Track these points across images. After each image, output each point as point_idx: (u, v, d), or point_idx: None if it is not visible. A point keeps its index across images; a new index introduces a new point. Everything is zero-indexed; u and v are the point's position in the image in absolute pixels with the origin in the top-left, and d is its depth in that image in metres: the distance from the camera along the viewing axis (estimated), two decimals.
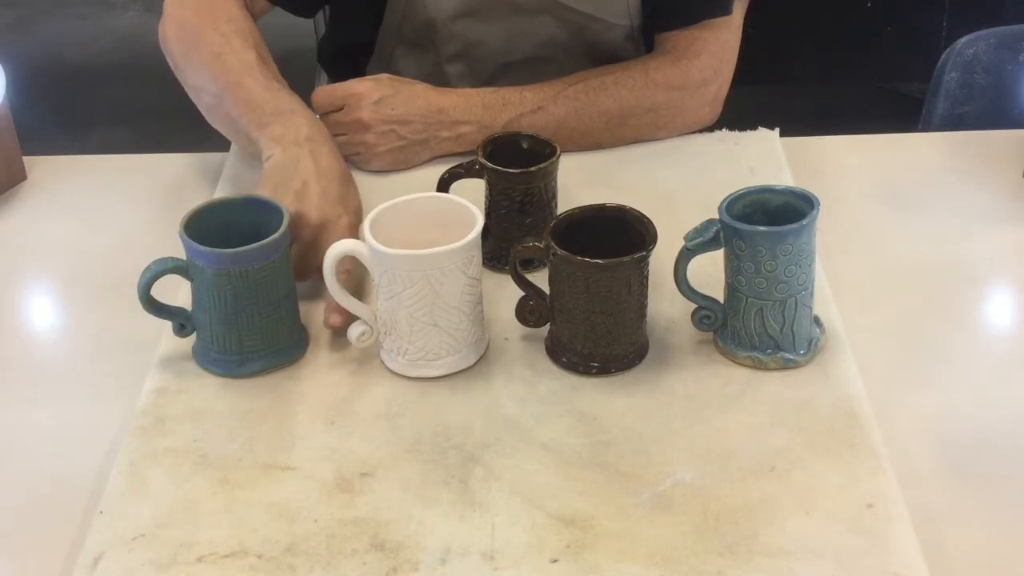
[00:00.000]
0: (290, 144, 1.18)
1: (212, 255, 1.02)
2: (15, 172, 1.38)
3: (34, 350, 1.16)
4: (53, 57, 3.66)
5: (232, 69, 1.26)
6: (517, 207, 1.15)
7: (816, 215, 1.02)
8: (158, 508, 0.94)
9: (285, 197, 1.11)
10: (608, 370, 1.05)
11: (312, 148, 1.18)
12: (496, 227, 1.17)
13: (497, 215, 1.16)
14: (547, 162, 1.15)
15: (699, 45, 1.37)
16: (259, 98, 1.24)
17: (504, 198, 1.15)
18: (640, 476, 0.95)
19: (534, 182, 1.15)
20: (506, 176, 1.15)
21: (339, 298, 1.05)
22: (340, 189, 1.17)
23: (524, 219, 1.16)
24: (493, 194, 1.16)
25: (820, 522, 0.90)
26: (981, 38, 1.69)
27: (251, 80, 1.25)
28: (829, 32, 2.85)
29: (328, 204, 1.13)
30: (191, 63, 1.30)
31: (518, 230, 1.15)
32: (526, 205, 1.15)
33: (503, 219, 1.16)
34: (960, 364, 1.09)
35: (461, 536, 0.90)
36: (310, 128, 1.21)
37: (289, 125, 1.20)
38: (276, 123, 1.21)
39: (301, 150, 1.17)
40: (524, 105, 1.34)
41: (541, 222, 1.14)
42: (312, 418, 1.02)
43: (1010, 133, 1.41)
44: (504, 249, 1.14)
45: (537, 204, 1.16)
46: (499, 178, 1.15)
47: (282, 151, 1.18)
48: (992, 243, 1.23)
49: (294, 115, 1.22)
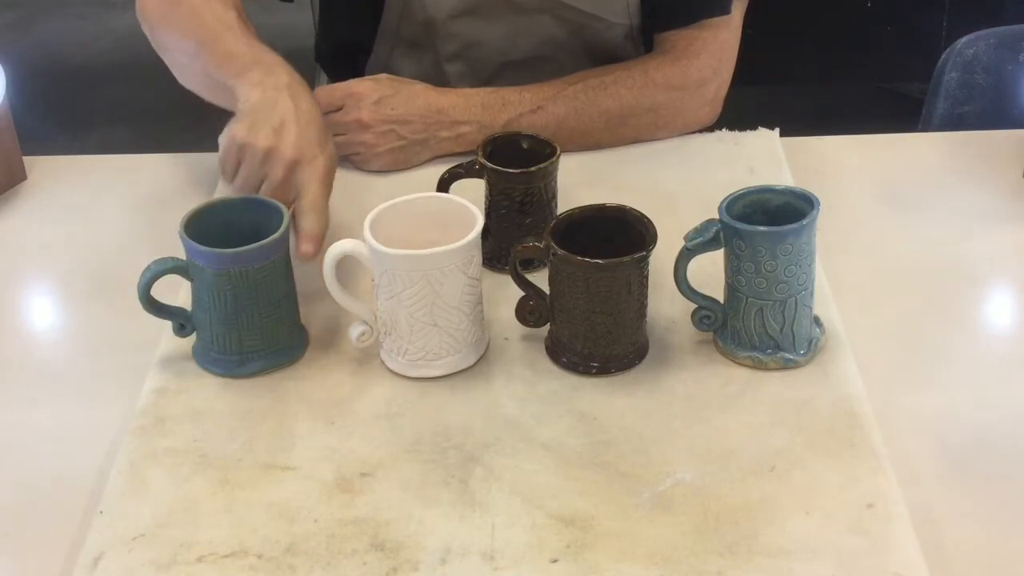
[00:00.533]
0: (270, 88, 1.16)
1: (212, 255, 1.02)
2: (15, 172, 1.38)
3: (34, 350, 1.16)
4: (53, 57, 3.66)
5: (210, 26, 1.25)
6: (517, 207, 1.15)
7: (816, 215, 1.02)
8: (158, 508, 0.94)
9: (260, 131, 1.10)
10: (608, 370, 1.05)
11: (292, 92, 1.16)
12: (496, 227, 1.17)
13: (497, 215, 1.16)
14: (547, 162, 1.15)
15: (698, 45, 1.37)
16: (238, 51, 1.22)
17: (504, 198, 1.15)
18: (640, 476, 0.95)
19: (534, 182, 1.15)
20: (506, 176, 1.15)
21: (339, 298, 1.05)
22: (319, 133, 1.14)
23: (524, 219, 1.16)
24: (493, 194, 1.16)
25: (820, 522, 0.90)
26: (981, 38, 1.69)
27: (230, 35, 1.23)
28: (829, 32, 2.85)
29: (306, 143, 1.11)
30: (168, 23, 1.29)
31: (518, 230, 1.15)
32: (526, 205, 1.15)
33: (503, 219, 1.16)
34: (960, 364, 1.09)
35: (461, 536, 0.90)
36: (290, 77, 1.18)
37: (269, 73, 1.18)
38: (255, 71, 1.18)
39: (280, 93, 1.15)
40: (523, 105, 1.34)
41: (541, 222, 1.14)
42: (312, 418, 1.02)
43: (1010, 133, 1.41)
44: (504, 249, 1.14)
45: (537, 204, 1.16)
46: (499, 178, 1.15)
47: (261, 93, 1.15)
48: (992, 243, 1.23)
49: (274, 65, 1.19)
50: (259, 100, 1.15)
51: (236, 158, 1.12)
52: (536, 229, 1.14)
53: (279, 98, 1.14)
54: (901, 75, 2.95)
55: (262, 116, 1.13)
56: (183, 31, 1.27)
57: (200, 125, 1.34)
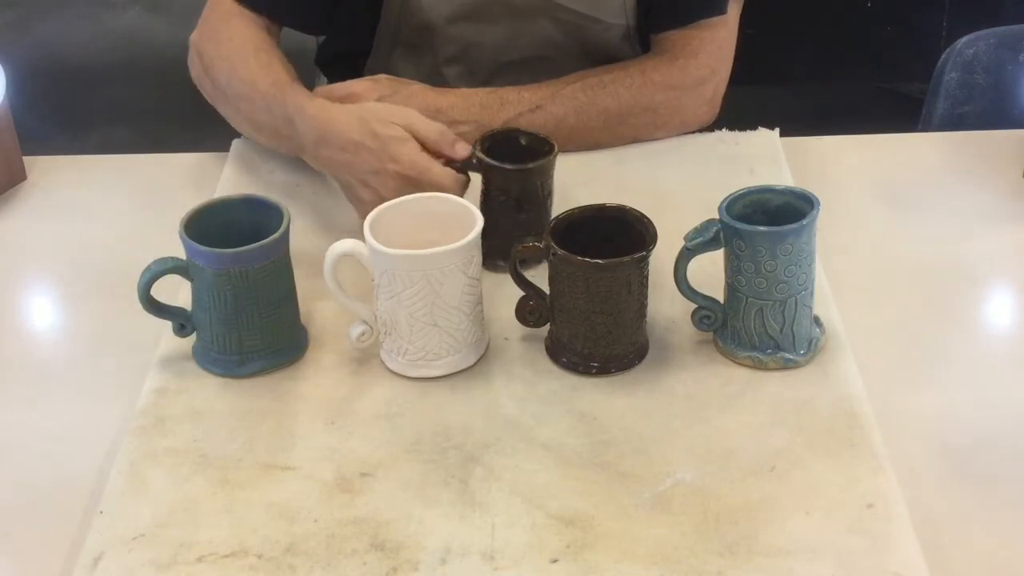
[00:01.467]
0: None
1: (212, 255, 1.02)
2: (15, 172, 1.38)
3: (34, 350, 1.16)
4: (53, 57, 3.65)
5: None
6: (513, 204, 1.14)
7: (816, 215, 1.02)
8: (158, 508, 0.94)
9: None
10: (608, 370, 1.05)
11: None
12: (490, 223, 1.12)
13: (492, 211, 1.13)
14: (544, 159, 1.14)
15: (695, 44, 1.37)
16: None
17: (500, 194, 1.14)
18: (640, 476, 0.95)
19: (531, 179, 1.14)
20: (502, 172, 1.14)
21: (339, 298, 1.05)
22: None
23: (519, 216, 1.14)
24: (489, 190, 1.15)
25: (820, 522, 0.90)
26: (981, 38, 1.69)
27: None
28: (829, 32, 2.84)
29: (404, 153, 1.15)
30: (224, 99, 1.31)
31: (513, 227, 1.14)
32: (522, 202, 1.14)
33: (498, 215, 1.14)
34: (960, 364, 1.09)
35: (461, 536, 0.90)
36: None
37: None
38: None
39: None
40: (522, 105, 1.34)
41: (536, 220, 1.14)
42: (312, 418, 1.02)
43: (1010, 133, 1.41)
44: (498, 247, 1.12)
45: (533, 201, 1.15)
46: (495, 174, 1.14)
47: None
48: (992, 243, 1.23)
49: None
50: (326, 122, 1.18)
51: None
52: (532, 226, 1.13)
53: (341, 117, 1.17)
54: (901, 75, 2.95)
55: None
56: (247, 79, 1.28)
57: (200, 125, 1.34)
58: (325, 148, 1.17)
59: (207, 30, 1.34)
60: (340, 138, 1.15)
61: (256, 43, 1.30)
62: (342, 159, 1.16)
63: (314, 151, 1.19)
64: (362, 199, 1.15)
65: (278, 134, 1.24)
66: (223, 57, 1.30)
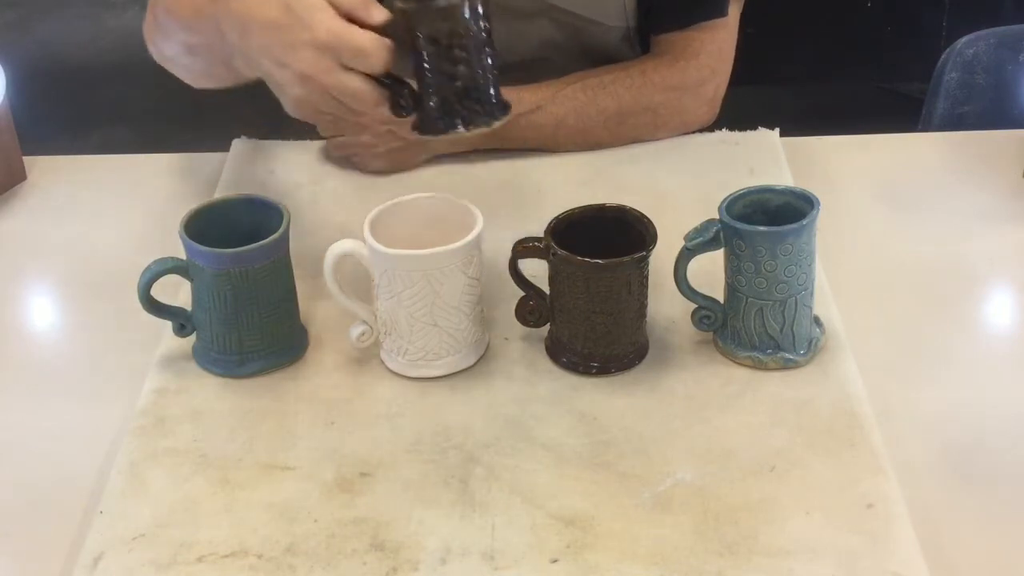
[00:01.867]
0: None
1: (212, 255, 1.02)
2: (15, 172, 1.38)
3: (34, 350, 1.16)
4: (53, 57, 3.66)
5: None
6: (445, 52, 0.98)
7: (816, 215, 1.02)
8: (158, 508, 0.94)
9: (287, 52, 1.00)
10: (608, 370, 1.05)
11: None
12: (429, 84, 0.99)
13: (425, 71, 0.98)
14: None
15: (696, 46, 1.37)
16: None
17: (429, 43, 0.97)
18: (640, 476, 0.95)
19: (458, 14, 0.97)
20: (425, 12, 0.97)
21: (339, 298, 1.05)
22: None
23: (457, 67, 0.98)
24: (416, 44, 0.97)
25: (820, 522, 0.90)
26: (981, 38, 1.69)
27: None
28: (829, 32, 2.85)
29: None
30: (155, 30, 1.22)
31: (450, 83, 0.98)
32: (454, 47, 0.97)
33: (433, 72, 0.98)
34: (960, 364, 1.09)
35: (461, 536, 0.90)
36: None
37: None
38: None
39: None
40: (522, 105, 1.34)
41: (480, 67, 0.99)
42: (312, 418, 1.02)
43: (1010, 133, 1.41)
44: (438, 106, 0.99)
45: (470, 44, 0.98)
46: (417, 18, 0.97)
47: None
48: (992, 243, 1.23)
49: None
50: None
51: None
52: (474, 80, 0.99)
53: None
54: (901, 75, 2.95)
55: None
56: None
57: (200, 125, 1.34)
58: (246, 38, 1.02)
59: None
60: (257, 21, 1.01)
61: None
62: (259, 43, 1.01)
63: (240, 47, 1.04)
64: (280, 83, 1.02)
65: (211, 49, 1.10)
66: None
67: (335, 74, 0.99)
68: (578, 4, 1.37)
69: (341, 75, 0.98)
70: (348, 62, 0.98)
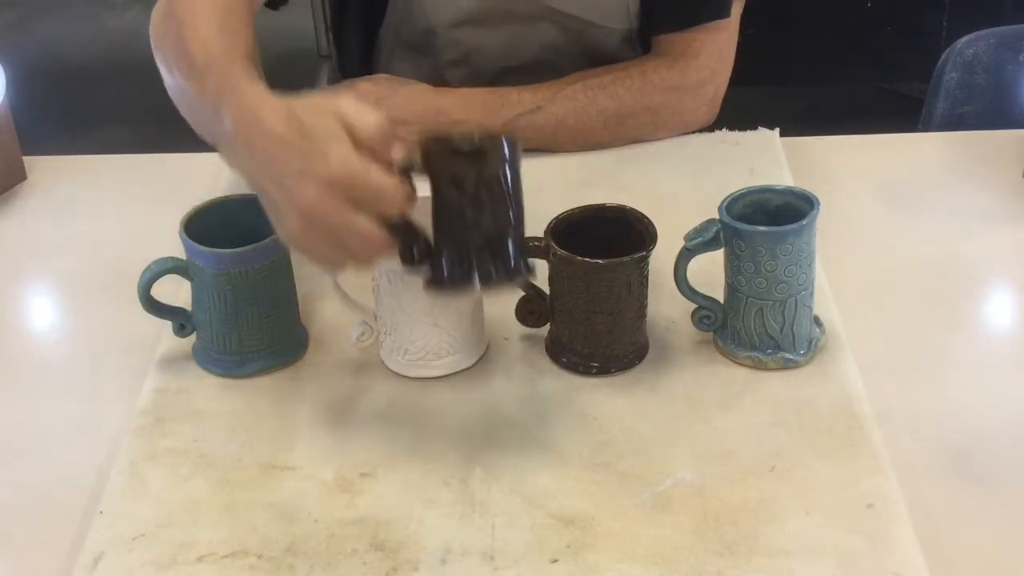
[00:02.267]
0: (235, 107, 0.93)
1: (212, 255, 1.02)
2: (15, 172, 1.38)
3: (34, 350, 1.16)
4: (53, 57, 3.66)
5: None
6: (469, 199, 0.90)
7: (816, 215, 1.02)
8: (158, 508, 0.94)
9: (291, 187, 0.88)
10: (608, 370, 1.05)
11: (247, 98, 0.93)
12: (441, 230, 0.91)
13: (444, 214, 0.91)
14: (503, 139, 0.90)
15: (697, 47, 1.37)
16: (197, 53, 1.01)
17: (452, 186, 0.90)
18: (640, 476, 0.95)
19: (489, 162, 0.90)
20: (452, 156, 0.89)
21: (339, 298, 1.05)
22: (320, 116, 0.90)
23: (479, 215, 0.90)
24: (439, 186, 0.90)
25: (820, 522, 0.90)
26: (981, 38, 1.69)
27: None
28: (829, 32, 2.85)
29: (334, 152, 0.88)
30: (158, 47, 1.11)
31: (471, 229, 0.90)
32: (480, 196, 0.90)
33: (451, 217, 0.90)
34: (960, 364, 1.09)
35: (461, 536, 0.90)
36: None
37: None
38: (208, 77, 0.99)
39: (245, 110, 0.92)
40: (523, 105, 1.34)
41: (504, 218, 0.91)
42: (312, 418, 1.02)
43: (1010, 133, 1.41)
44: (460, 260, 0.91)
45: (494, 194, 0.90)
46: (444, 160, 0.89)
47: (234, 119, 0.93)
48: (992, 243, 1.23)
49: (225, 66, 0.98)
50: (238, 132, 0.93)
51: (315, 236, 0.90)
52: (497, 235, 0.91)
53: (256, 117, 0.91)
54: (901, 75, 2.95)
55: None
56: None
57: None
58: (248, 146, 0.92)
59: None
60: (264, 129, 0.90)
61: (229, 5, 1.09)
62: (262, 155, 0.90)
63: (232, 140, 0.93)
64: (278, 208, 0.90)
65: (202, 111, 1.00)
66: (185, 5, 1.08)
67: (344, 213, 0.87)
68: (580, 7, 1.37)
69: (350, 215, 0.87)
70: (361, 203, 0.87)
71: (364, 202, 0.87)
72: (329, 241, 0.89)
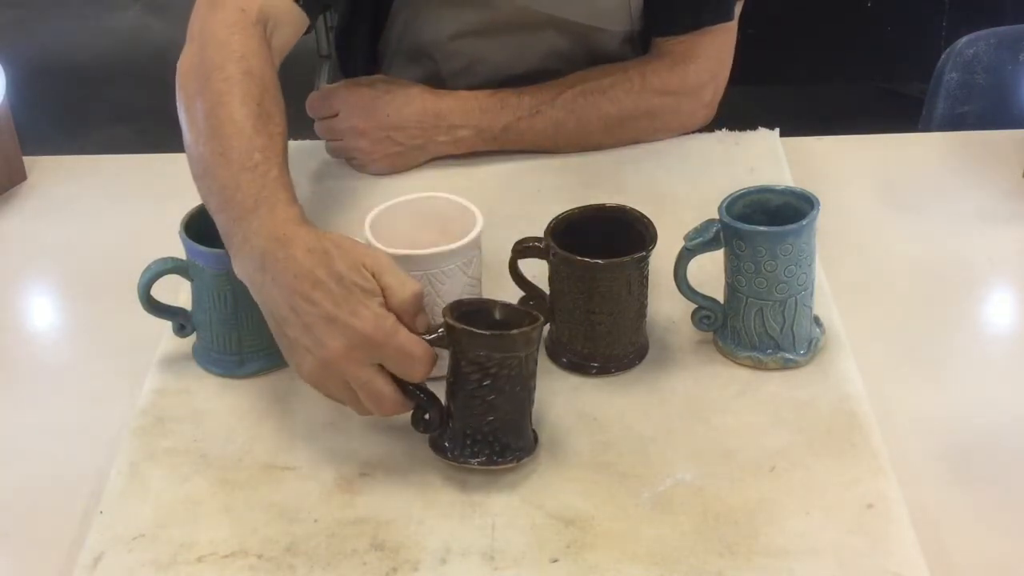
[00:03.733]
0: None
1: (212, 255, 1.02)
2: (15, 172, 1.38)
3: (34, 350, 1.16)
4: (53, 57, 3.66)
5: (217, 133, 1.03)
6: (488, 384, 0.91)
7: (816, 215, 1.02)
8: (158, 508, 0.94)
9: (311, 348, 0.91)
10: (608, 370, 1.05)
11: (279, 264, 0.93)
12: (457, 406, 0.93)
13: (459, 391, 0.92)
14: (531, 326, 0.92)
15: (697, 49, 1.37)
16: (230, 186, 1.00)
17: (473, 370, 0.91)
18: (640, 476, 0.95)
19: (513, 350, 0.91)
20: (476, 339, 0.90)
21: None
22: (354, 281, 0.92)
23: (493, 398, 0.92)
24: (459, 366, 0.92)
25: (820, 522, 0.90)
26: (981, 38, 1.69)
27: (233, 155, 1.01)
28: (829, 32, 2.85)
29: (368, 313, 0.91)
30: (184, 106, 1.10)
31: (484, 411, 0.92)
32: (499, 383, 0.91)
33: (467, 397, 0.92)
34: (960, 364, 1.09)
35: (461, 536, 0.90)
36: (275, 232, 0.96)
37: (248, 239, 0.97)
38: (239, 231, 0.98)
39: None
40: (522, 109, 1.33)
41: (515, 407, 0.93)
42: (312, 418, 1.02)
43: (1010, 133, 1.41)
44: (466, 435, 0.93)
45: (512, 382, 0.92)
46: (467, 342, 0.90)
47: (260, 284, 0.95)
48: (992, 243, 1.23)
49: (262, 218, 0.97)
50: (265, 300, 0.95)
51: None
52: (510, 417, 0.93)
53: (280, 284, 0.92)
54: (901, 75, 2.95)
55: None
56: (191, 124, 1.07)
57: None
58: (272, 265, 0.93)
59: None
60: (297, 265, 0.91)
61: (265, 82, 1.08)
62: (289, 290, 0.91)
63: (260, 259, 0.94)
64: (296, 349, 0.92)
65: (225, 208, 0.99)
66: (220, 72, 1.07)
67: (365, 371, 0.90)
68: (582, 13, 1.37)
69: (371, 374, 0.90)
70: (384, 362, 0.90)
71: (387, 363, 0.90)
72: (344, 391, 0.93)
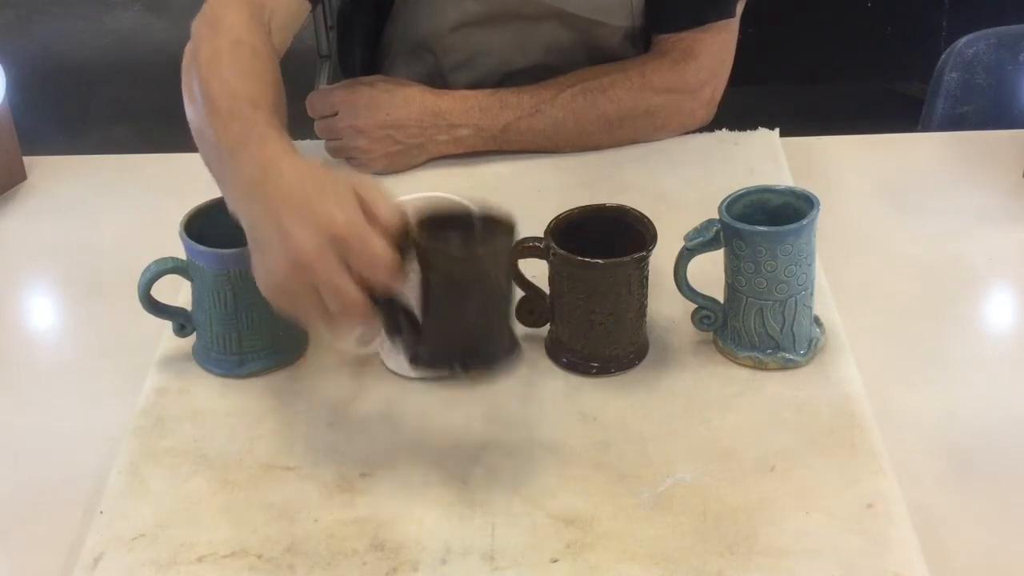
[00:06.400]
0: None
1: (212, 255, 1.02)
2: (15, 172, 1.38)
3: (34, 350, 1.16)
4: (53, 57, 3.66)
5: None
6: (460, 294, 0.90)
7: (816, 215, 1.02)
8: (158, 508, 0.94)
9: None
10: (608, 370, 1.05)
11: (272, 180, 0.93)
12: (430, 318, 0.91)
13: (432, 303, 0.91)
14: (500, 241, 0.91)
15: (698, 47, 1.37)
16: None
17: (445, 286, 0.90)
18: (640, 476, 0.95)
19: (481, 267, 0.90)
20: (442, 257, 0.90)
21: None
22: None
23: (467, 304, 0.90)
24: (428, 277, 0.90)
25: (820, 522, 0.90)
26: (981, 38, 1.69)
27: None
28: (829, 32, 2.85)
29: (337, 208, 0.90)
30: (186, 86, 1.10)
31: (458, 319, 0.90)
32: (471, 293, 0.90)
33: (440, 307, 0.90)
34: (960, 364, 1.09)
35: (461, 536, 0.90)
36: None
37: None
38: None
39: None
40: (521, 108, 1.33)
41: (494, 309, 0.92)
42: (312, 418, 1.02)
43: (1010, 133, 1.41)
44: (446, 347, 0.91)
45: (486, 291, 0.91)
46: (435, 258, 0.90)
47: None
48: (992, 243, 1.23)
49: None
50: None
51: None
52: (486, 331, 0.92)
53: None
54: (901, 75, 2.95)
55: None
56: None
57: None
58: (261, 186, 0.93)
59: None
60: (282, 179, 0.92)
61: (255, 46, 1.10)
62: (272, 201, 0.92)
63: (247, 188, 0.95)
64: (268, 254, 0.92)
65: (217, 153, 1.01)
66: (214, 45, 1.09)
67: (334, 272, 0.88)
68: (585, 6, 1.37)
69: (339, 275, 0.88)
70: (354, 264, 0.88)
71: (358, 266, 0.88)
72: (310, 296, 0.90)
